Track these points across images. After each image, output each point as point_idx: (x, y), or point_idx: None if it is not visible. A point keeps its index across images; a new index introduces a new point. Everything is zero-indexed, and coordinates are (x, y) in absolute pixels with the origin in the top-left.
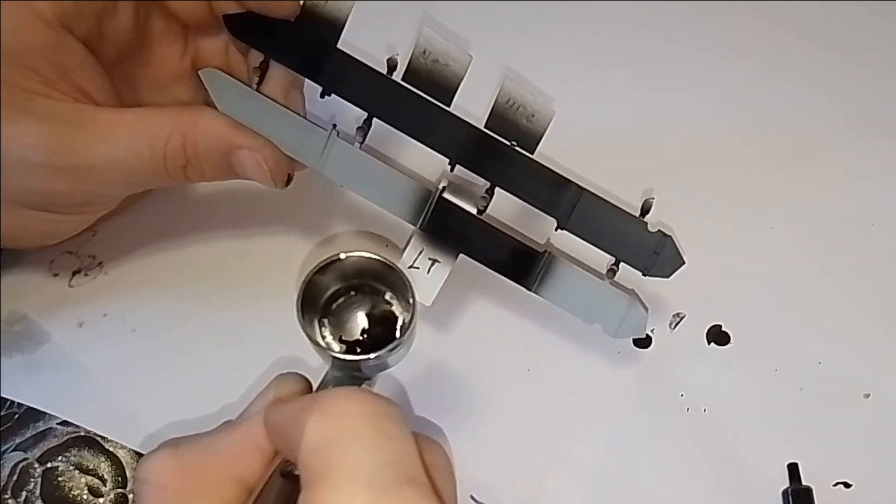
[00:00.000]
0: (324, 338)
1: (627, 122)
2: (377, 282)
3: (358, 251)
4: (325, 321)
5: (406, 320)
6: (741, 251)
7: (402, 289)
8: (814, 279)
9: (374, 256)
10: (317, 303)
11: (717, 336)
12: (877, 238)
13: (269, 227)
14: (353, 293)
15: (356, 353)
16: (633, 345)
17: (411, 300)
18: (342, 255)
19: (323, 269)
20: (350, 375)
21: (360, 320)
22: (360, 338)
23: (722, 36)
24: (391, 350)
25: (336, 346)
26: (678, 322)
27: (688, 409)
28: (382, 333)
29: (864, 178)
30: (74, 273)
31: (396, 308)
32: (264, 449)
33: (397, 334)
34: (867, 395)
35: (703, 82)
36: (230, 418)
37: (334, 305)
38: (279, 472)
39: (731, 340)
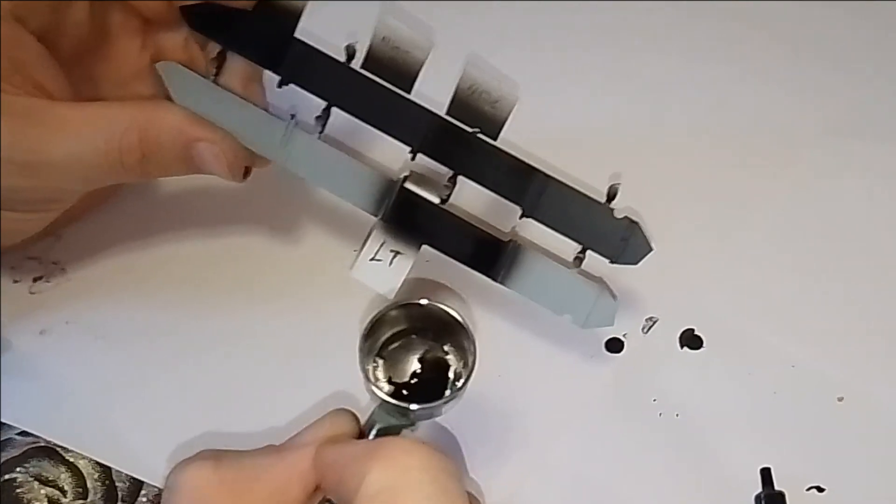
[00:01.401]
0: (376, 378)
1: (596, 116)
2: (441, 331)
3: (441, 304)
4: (379, 360)
5: (460, 373)
6: (714, 254)
7: (465, 345)
8: (787, 282)
9: (453, 313)
10: (375, 341)
11: (690, 340)
12: (851, 241)
13: (237, 228)
14: (413, 336)
15: (403, 395)
16: (605, 349)
17: (471, 359)
18: (423, 302)
19: (393, 309)
20: (397, 418)
21: (413, 364)
22: (410, 381)
23: (698, 36)
24: (443, 402)
25: (385, 387)
26: (651, 326)
27: (660, 414)
28: (432, 380)
29: (840, 180)
30: (36, 279)
31: (451, 358)
32: (307, 481)
33: (448, 385)
34: (840, 399)
35: (676, 81)
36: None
37: (390, 346)
38: None
39: (704, 344)
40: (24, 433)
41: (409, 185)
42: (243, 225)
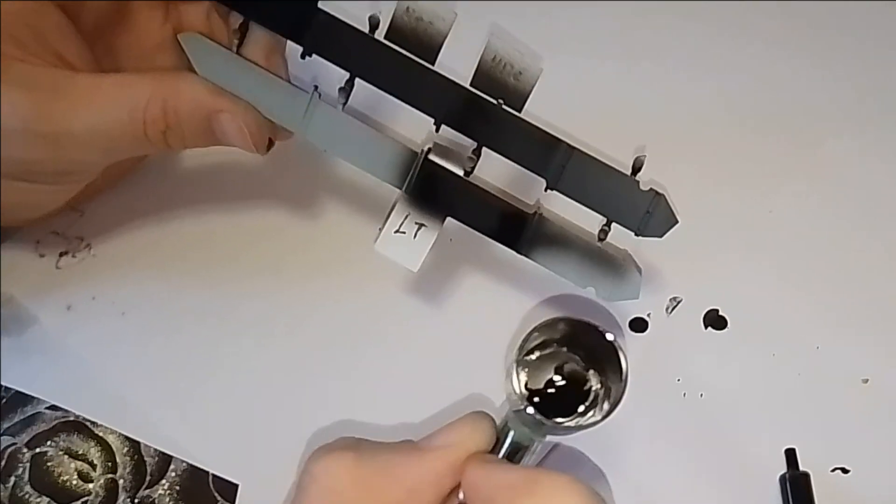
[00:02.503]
0: (519, 383)
1: (623, 89)
2: (591, 353)
3: (601, 326)
4: (521, 367)
5: (598, 393)
6: (739, 235)
7: (612, 373)
8: (812, 264)
9: (621, 354)
10: (523, 347)
11: (715, 321)
12: (876, 224)
13: (260, 203)
14: (564, 349)
15: (534, 403)
16: (629, 329)
17: (618, 389)
18: (608, 336)
19: (554, 322)
20: (531, 429)
21: (549, 372)
22: (546, 389)
23: (726, 16)
24: (587, 426)
25: (522, 394)
26: (675, 306)
27: (684, 394)
28: (566, 394)
29: (865, 165)
30: (62, 255)
31: (592, 378)
32: (442, 485)
33: (585, 403)
34: (865, 381)
35: (703, 61)
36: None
37: (535, 355)
38: None
39: (729, 325)
40: (53, 407)
41: (433, 157)
42: (267, 200)
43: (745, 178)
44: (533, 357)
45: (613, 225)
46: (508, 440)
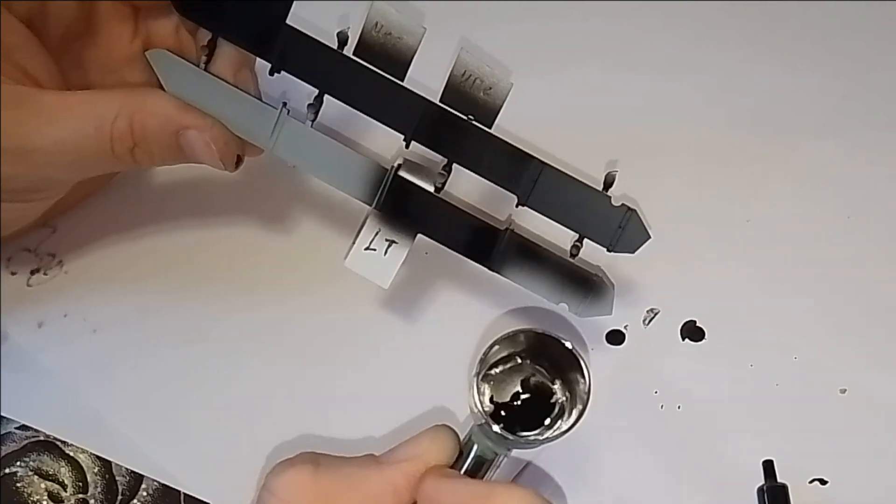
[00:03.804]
0: (481, 397)
1: (593, 103)
2: (555, 365)
3: (563, 339)
4: (485, 380)
5: (563, 406)
6: (716, 245)
7: (578, 385)
8: (789, 273)
9: (583, 364)
10: (485, 363)
11: (692, 332)
12: (853, 231)
13: (231, 218)
14: (526, 361)
15: (500, 416)
16: (605, 342)
17: (582, 402)
18: (567, 345)
19: (516, 335)
20: (495, 443)
21: (515, 386)
22: (512, 402)
23: (700, 21)
24: (549, 439)
25: (486, 407)
26: (652, 318)
27: (662, 406)
28: (532, 407)
29: (841, 171)
30: (33, 272)
31: (558, 390)
32: (401, 499)
33: (550, 416)
34: (843, 391)
35: (677, 67)
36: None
37: (498, 368)
38: None
39: (706, 336)
40: (23, 427)
41: (403, 173)
42: (239, 216)
43: (721, 187)
44: (497, 371)
45: (586, 241)
46: (472, 454)
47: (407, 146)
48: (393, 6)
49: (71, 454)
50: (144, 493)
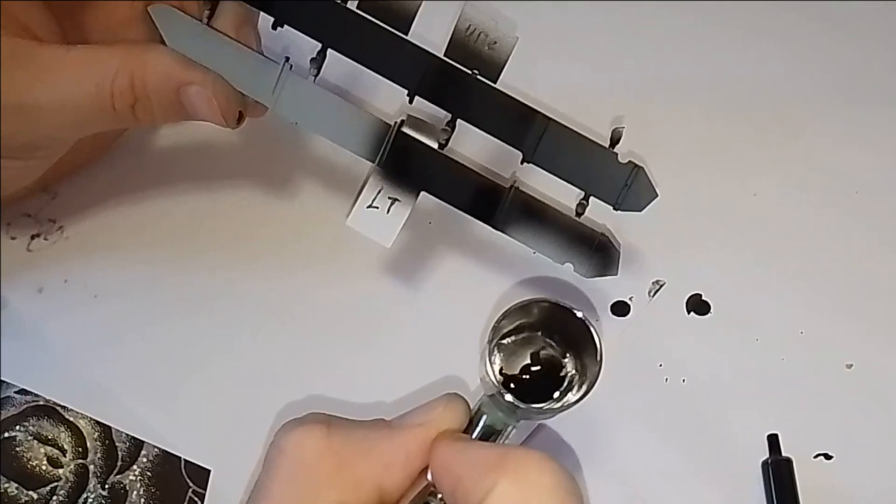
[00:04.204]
0: (493, 365)
1: (602, 63)
2: (566, 337)
3: (576, 309)
4: (496, 351)
5: (573, 378)
6: (722, 218)
7: (588, 357)
8: (796, 248)
9: (595, 335)
10: (498, 331)
11: (697, 305)
12: (860, 206)
13: (234, 182)
14: (538, 333)
15: (510, 388)
16: (610, 313)
17: (593, 373)
18: (577, 314)
19: (533, 303)
20: (505, 413)
21: (525, 358)
22: (521, 375)
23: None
24: (559, 410)
25: (496, 378)
26: (657, 290)
27: (666, 380)
28: (542, 379)
29: (849, 146)
30: (33, 237)
31: (568, 363)
32: (412, 464)
33: (560, 388)
34: (849, 366)
35: (685, 41)
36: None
37: (510, 338)
38: None
39: (712, 310)
40: (22, 391)
41: (406, 130)
42: (240, 179)
43: (728, 160)
44: (508, 341)
45: (592, 201)
46: (481, 423)
47: (410, 101)
48: None
49: (71, 419)
50: (144, 460)
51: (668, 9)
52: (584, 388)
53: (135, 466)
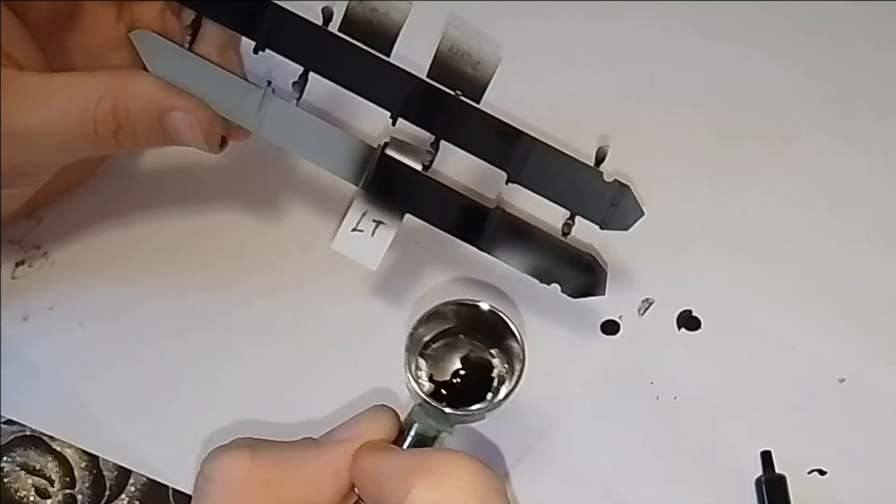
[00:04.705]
0: (418, 376)
1: (586, 81)
2: (490, 335)
3: (495, 307)
4: (422, 358)
5: (503, 377)
6: (711, 233)
7: (513, 352)
8: (786, 262)
9: (505, 318)
10: (420, 338)
11: (688, 321)
12: (852, 219)
13: (219, 204)
14: (460, 336)
15: (442, 395)
16: (600, 332)
17: (519, 368)
18: (483, 306)
19: (444, 306)
20: (436, 420)
21: (454, 363)
22: (452, 380)
23: (696, 7)
24: (485, 409)
25: (426, 385)
26: (647, 307)
27: (658, 397)
28: (474, 382)
29: (840, 157)
30: (17, 264)
31: (497, 362)
32: (341, 480)
33: (491, 389)
34: (842, 380)
35: (670, 52)
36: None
37: (435, 344)
38: None
39: (702, 326)
40: (9, 422)
41: (389, 152)
42: (226, 201)
43: (716, 174)
44: (434, 347)
45: (578, 220)
46: (413, 432)
47: (394, 123)
48: None
49: (58, 449)
50: (132, 489)
51: (651, 21)
52: (513, 381)
53: (123, 496)
